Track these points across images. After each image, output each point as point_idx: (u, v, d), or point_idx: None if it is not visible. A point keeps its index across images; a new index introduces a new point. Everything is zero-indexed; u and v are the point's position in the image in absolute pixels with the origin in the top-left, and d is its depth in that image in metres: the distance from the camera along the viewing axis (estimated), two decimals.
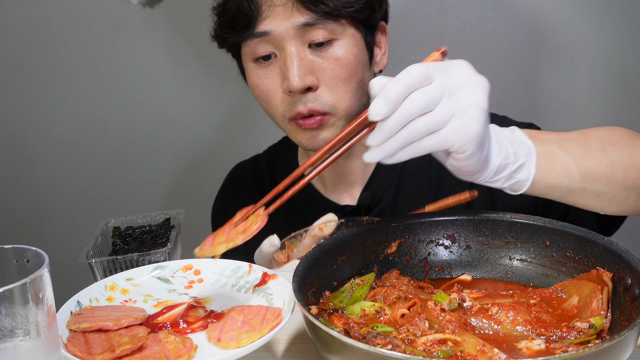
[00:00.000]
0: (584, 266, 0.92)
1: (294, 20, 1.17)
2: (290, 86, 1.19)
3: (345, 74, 1.21)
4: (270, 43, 1.20)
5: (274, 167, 1.47)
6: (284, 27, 1.18)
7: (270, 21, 1.18)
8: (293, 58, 1.18)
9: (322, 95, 1.21)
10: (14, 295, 0.68)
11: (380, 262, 0.99)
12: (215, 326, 0.87)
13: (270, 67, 1.23)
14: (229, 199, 1.49)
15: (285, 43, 1.19)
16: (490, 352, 0.78)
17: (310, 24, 1.17)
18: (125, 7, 2.14)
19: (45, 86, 2.24)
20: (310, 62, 1.20)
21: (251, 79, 1.26)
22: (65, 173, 2.33)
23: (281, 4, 1.17)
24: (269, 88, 1.24)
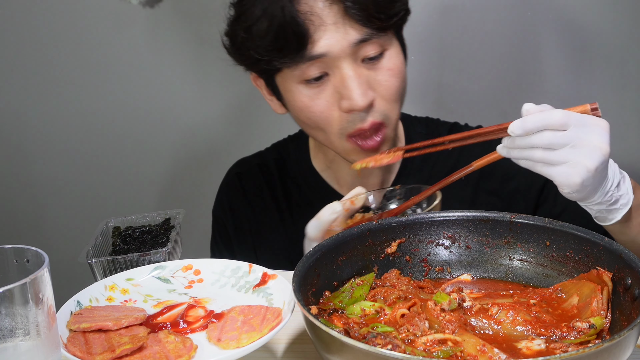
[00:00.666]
0: (584, 266, 0.92)
1: (348, 38, 1.14)
2: (354, 106, 1.16)
3: (398, 82, 1.21)
4: (323, 63, 1.16)
5: (282, 165, 1.44)
6: (340, 46, 1.14)
7: (325, 42, 1.14)
8: (353, 77, 1.16)
9: (379, 107, 1.20)
10: (14, 295, 0.68)
11: (380, 262, 0.99)
12: (215, 326, 0.87)
13: (323, 87, 1.19)
14: (236, 194, 1.45)
15: (341, 62, 1.16)
16: (490, 352, 0.78)
17: (365, 40, 1.15)
18: (125, 7, 2.13)
19: (45, 86, 2.24)
20: (366, 77, 1.18)
21: (300, 101, 1.21)
22: (66, 173, 2.33)
23: (332, 22, 1.13)
24: (322, 108, 1.20)
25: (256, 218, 1.42)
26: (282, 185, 1.42)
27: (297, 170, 1.41)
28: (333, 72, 1.17)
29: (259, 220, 1.42)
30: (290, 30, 1.13)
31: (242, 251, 1.42)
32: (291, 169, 1.43)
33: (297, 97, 1.21)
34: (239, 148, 2.22)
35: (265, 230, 1.41)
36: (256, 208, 1.42)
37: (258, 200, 1.43)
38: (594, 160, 0.92)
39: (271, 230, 1.41)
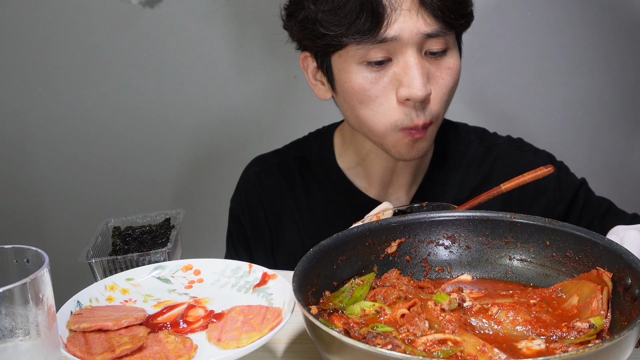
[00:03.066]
0: (584, 266, 0.92)
1: (419, 27, 1.14)
2: (413, 95, 1.15)
3: (453, 83, 1.21)
4: (390, 47, 1.15)
5: (304, 163, 1.41)
6: (410, 33, 1.13)
7: (398, 26, 1.13)
8: (417, 66, 1.15)
9: (433, 105, 1.19)
10: (14, 295, 0.68)
11: (380, 262, 0.99)
12: (215, 326, 0.87)
13: (383, 72, 1.17)
14: (255, 193, 1.42)
15: (407, 49, 1.15)
16: (490, 352, 0.78)
17: (434, 34, 1.15)
18: (125, 7, 2.14)
19: (45, 86, 2.24)
20: (427, 69, 1.17)
21: (357, 82, 1.18)
22: (65, 173, 2.33)
23: (407, 8, 1.13)
24: (379, 94, 1.18)
25: (275, 218, 1.40)
26: (303, 185, 1.39)
27: (320, 169, 1.39)
28: (397, 58, 1.16)
29: (279, 220, 1.39)
30: (368, 8, 1.12)
31: (259, 250, 1.40)
32: (314, 168, 1.40)
33: (354, 78, 1.19)
34: (240, 148, 2.23)
35: (284, 230, 1.39)
36: (276, 207, 1.40)
37: (278, 200, 1.40)
38: None
39: (291, 230, 1.39)
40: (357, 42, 1.14)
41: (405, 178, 1.35)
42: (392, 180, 1.34)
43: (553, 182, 1.35)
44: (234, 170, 1.61)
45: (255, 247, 1.41)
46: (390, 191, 1.36)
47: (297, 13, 1.20)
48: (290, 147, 1.46)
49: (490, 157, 1.37)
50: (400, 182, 1.35)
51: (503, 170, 1.35)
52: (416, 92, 1.14)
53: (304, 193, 1.39)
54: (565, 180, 1.37)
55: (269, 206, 1.40)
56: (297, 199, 1.39)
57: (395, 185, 1.35)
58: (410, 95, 1.15)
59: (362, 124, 1.23)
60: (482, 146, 1.38)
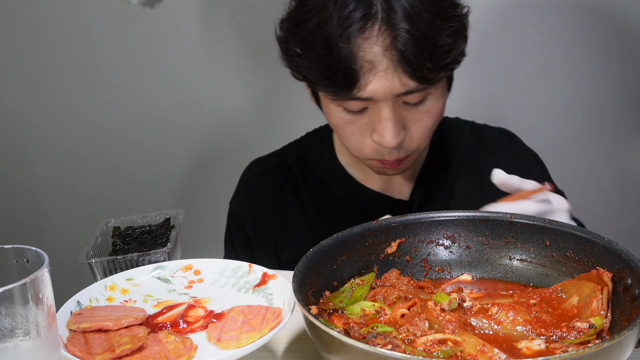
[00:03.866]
0: (584, 266, 0.92)
1: (394, 88, 1.14)
2: (384, 144, 1.18)
3: (433, 122, 1.22)
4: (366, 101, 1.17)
5: (304, 162, 1.43)
6: (384, 94, 1.15)
7: (372, 87, 1.14)
8: (390, 120, 1.17)
9: (408, 143, 1.22)
10: (14, 295, 0.68)
11: (380, 262, 0.99)
12: (215, 326, 0.87)
13: (360, 116, 1.20)
14: (256, 194, 1.43)
15: (382, 104, 1.17)
16: (490, 352, 0.78)
17: (411, 92, 1.15)
18: (125, 7, 2.14)
19: (45, 86, 2.24)
20: (403, 117, 1.19)
21: (335, 119, 1.23)
22: (65, 173, 2.33)
23: (384, 68, 1.13)
24: (354, 132, 1.22)
25: (278, 218, 1.40)
26: (305, 183, 1.41)
27: (321, 166, 1.40)
28: (372, 108, 1.19)
29: (282, 219, 1.40)
30: (340, 71, 1.13)
31: (260, 251, 1.41)
32: (315, 166, 1.41)
33: (333, 115, 1.23)
34: (240, 148, 2.23)
35: (288, 230, 1.40)
36: (279, 206, 1.41)
37: (280, 199, 1.41)
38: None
39: (295, 229, 1.40)
40: (330, 97, 1.18)
41: (405, 173, 1.37)
42: (391, 177, 1.36)
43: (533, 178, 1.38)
44: (234, 170, 1.61)
45: (257, 247, 1.41)
46: (393, 184, 1.38)
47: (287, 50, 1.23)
48: (289, 147, 1.47)
49: (483, 148, 1.41)
50: (404, 175, 1.38)
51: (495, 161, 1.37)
52: (387, 144, 1.18)
53: (307, 190, 1.40)
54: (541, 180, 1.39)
55: (272, 205, 1.40)
56: (299, 197, 1.40)
57: (395, 180, 1.38)
58: (381, 144, 1.19)
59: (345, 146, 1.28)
60: (474, 136, 1.42)
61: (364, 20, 1.12)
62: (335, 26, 1.12)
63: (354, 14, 1.12)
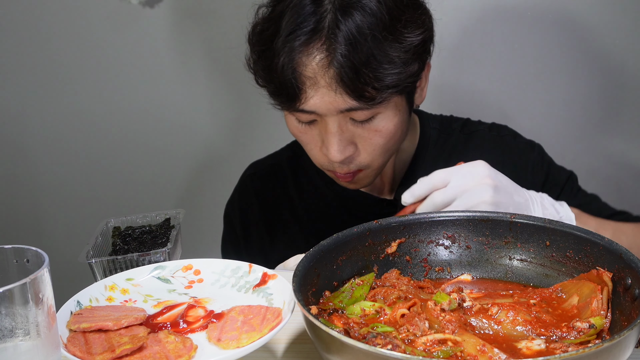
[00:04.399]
0: (584, 266, 0.92)
1: (337, 105, 1.16)
2: (330, 159, 1.20)
3: (383, 141, 1.22)
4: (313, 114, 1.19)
5: (296, 163, 1.46)
6: (327, 109, 1.16)
7: (314, 101, 1.16)
8: (335, 135, 1.18)
9: (359, 158, 1.23)
10: (14, 295, 0.68)
11: (380, 262, 0.99)
12: (215, 326, 0.87)
13: (312, 126, 1.23)
14: (247, 195, 1.47)
15: (328, 119, 1.18)
16: (490, 352, 0.78)
17: (353, 109, 1.16)
18: (125, 7, 2.14)
19: (45, 86, 2.24)
20: (351, 133, 1.20)
21: (290, 126, 1.26)
22: (65, 173, 2.33)
23: (325, 84, 1.14)
24: (308, 142, 1.25)
25: (268, 218, 1.43)
26: (295, 184, 1.43)
27: (311, 166, 1.41)
28: (320, 122, 1.20)
29: (271, 220, 1.43)
30: (285, 86, 1.16)
31: (249, 252, 1.43)
32: (305, 166, 1.43)
33: (289, 124, 1.26)
34: (240, 149, 2.23)
35: (278, 230, 1.42)
36: (268, 208, 1.43)
37: (270, 201, 1.44)
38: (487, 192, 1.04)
39: (285, 229, 1.42)
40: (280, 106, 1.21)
41: (390, 173, 1.39)
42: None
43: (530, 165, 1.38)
44: (234, 170, 1.61)
45: (245, 248, 1.43)
46: (377, 184, 1.40)
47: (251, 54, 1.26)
48: (284, 149, 1.51)
49: (471, 144, 1.41)
50: (385, 176, 1.39)
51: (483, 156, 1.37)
52: (331, 158, 1.19)
53: (297, 190, 1.43)
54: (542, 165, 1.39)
55: (262, 207, 1.44)
56: (290, 197, 1.43)
57: (381, 179, 1.39)
58: (328, 156, 1.21)
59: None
60: (463, 133, 1.42)
61: (309, 35, 1.13)
62: (282, 39, 1.14)
63: (303, 28, 1.13)
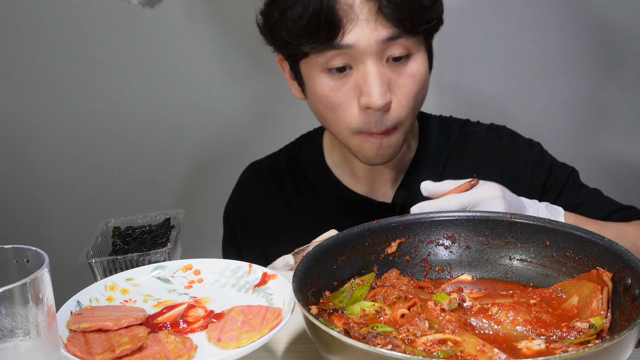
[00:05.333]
0: (584, 266, 0.92)
1: (378, 34, 1.15)
2: (371, 103, 1.17)
3: (417, 89, 1.22)
4: (349, 55, 1.17)
5: (294, 164, 1.45)
6: (368, 42, 1.15)
7: (354, 34, 1.15)
8: (376, 75, 1.17)
9: (395, 112, 1.21)
10: (14, 295, 0.68)
11: (380, 262, 0.99)
12: (215, 326, 0.87)
13: (345, 79, 1.20)
14: (246, 197, 1.47)
15: (366, 58, 1.17)
16: (490, 352, 0.78)
17: (393, 38, 1.15)
18: (125, 7, 2.14)
19: (45, 86, 2.24)
20: (388, 77, 1.19)
21: (320, 89, 1.22)
22: (65, 173, 2.33)
23: (364, 17, 1.14)
24: (341, 100, 1.21)
25: (266, 220, 1.43)
26: (293, 185, 1.43)
27: (309, 168, 1.41)
28: (357, 67, 1.18)
29: (269, 221, 1.42)
30: (323, 19, 1.14)
31: (249, 253, 1.43)
32: (303, 167, 1.43)
33: (318, 85, 1.22)
34: (240, 149, 2.23)
35: (276, 232, 1.42)
36: (266, 209, 1.43)
37: (268, 202, 1.43)
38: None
39: (282, 232, 1.42)
40: (315, 51, 1.18)
41: (390, 174, 1.38)
42: (375, 177, 1.37)
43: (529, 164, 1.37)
44: (234, 170, 1.61)
45: (244, 249, 1.43)
46: (375, 187, 1.39)
47: (268, 20, 1.24)
48: (283, 150, 1.50)
49: (469, 145, 1.40)
50: (384, 179, 1.38)
51: (481, 158, 1.36)
52: (374, 102, 1.17)
53: (294, 193, 1.42)
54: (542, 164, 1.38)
55: (261, 208, 1.43)
56: (287, 199, 1.42)
57: (380, 182, 1.38)
58: (369, 104, 1.18)
59: (329, 128, 1.28)
60: (461, 135, 1.41)
61: None
62: None
63: None
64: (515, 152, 1.39)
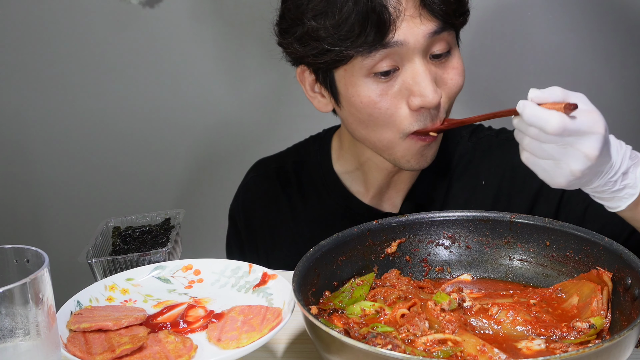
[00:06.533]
0: (584, 266, 0.92)
1: (424, 29, 1.12)
2: (426, 103, 1.13)
3: (461, 82, 1.20)
4: (397, 55, 1.14)
5: (301, 168, 1.40)
6: (415, 37, 1.12)
7: (402, 32, 1.12)
8: (425, 73, 1.14)
9: (444, 107, 1.18)
10: (14, 295, 0.68)
11: (380, 262, 0.99)
12: (215, 326, 0.87)
13: (391, 82, 1.15)
14: (252, 198, 1.42)
15: (414, 56, 1.14)
16: (490, 352, 0.78)
17: (437, 32, 1.13)
18: (125, 7, 2.14)
19: (45, 86, 2.24)
20: (434, 74, 1.16)
21: (366, 96, 1.16)
22: (65, 173, 2.33)
23: (410, 13, 1.12)
24: (390, 104, 1.16)
25: (270, 223, 1.39)
26: (299, 190, 1.39)
27: (316, 173, 1.37)
28: (404, 67, 1.15)
29: (274, 225, 1.39)
30: (373, 18, 1.11)
31: (253, 255, 1.41)
32: (311, 172, 1.39)
33: (362, 92, 1.17)
34: (240, 149, 2.23)
35: (279, 236, 1.39)
36: (271, 213, 1.40)
37: (273, 206, 1.40)
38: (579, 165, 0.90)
39: (285, 236, 1.39)
40: (362, 54, 1.13)
41: (404, 184, 1.33)
42: (389, 186, 1.33)
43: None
44: (234, 170, 1.61)
45: (249, 251, 1.42)
46: (385, 197, 1.34)
47: (294, 30, 1.17)
48: (291, 150, 1.45)
49: (478, 151, 1.36)
50: (397, 188, 1.33)
51: (491, 164, 1.33)
52: (429, 100, 1.13)
53: (300, 198, 1.39)
54: None
55: (265, 211, 1.40)
56: (292, 204, 1.39)
57: (392, 191, 1.34)
58: (424, 104, 1.14)
59: (370, 136, 1.21)
60: (471, 141, 1.37)
61: None
62: None
63: None
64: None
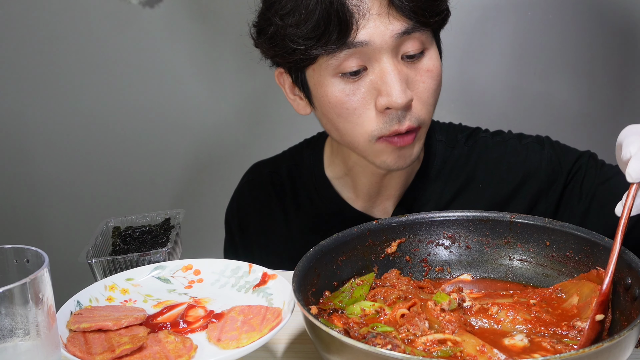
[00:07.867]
0: (584, 266, 0.92)
1: (392, 28, 1.10)
2: (392, 103, 1.11)
3: (435, 85, 1.17)
4: (364, 55, 1.12)
5: (295, 173, 1.39)
6: (382, 37, 1.10)
7: (368, 31, 1.10)
8: (394, 72, 1.11)
9: (416, 110, 1.15)
10: (14, 295, 0.68)
11: (380, 262, 0.99)
12: (215, 326, 0.87)
13: (359, 82, 1.13)
14: (245, 203, 1.42)
15: (382, 55, 1.11)
16: (490, 352, 0.78)
17: (408, 32, 1.11)
18: (125, 7, 2.14)
19: (45, 86, 2.24)
20: (405, 74, 1.14)
21: (334, 96, 1.15)
22: (65, 173, 2.33)
23: (377, 12, 1.09)
24: (357, 105, 1.14)
25: (263, 228, 1.39)
26: (292, 196, 1.38)
27: (309, 179, 1.37)
28: (372, 66, 1.13)
29: (267, 230, 1.39)
30: (334, 16, 1.09)
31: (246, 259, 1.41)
32: (304, 177, 1.38)
33: (330, 92, 1.15)
34: (240, 149, 2.23)
35: (272, 241, 1.39)
36: (265, 218, 1.39)
37: (266, 211, 1.40)
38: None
39: (278, 241, 1.38)
40: (327, 53, 1.12)
41: (394, 189, 1.31)
42: (379, 191, 1.31)
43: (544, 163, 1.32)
44: (233, 170, 1.61)
45: (243, 255, 1.41)
46: (377, 202, 1.33)
47: (266, 30, 1.17)
48: (286, 155, 1.45)
49: (474, 155, 1.34)
50: (387, 194, 1.32)
51: (487, 166, 1.32)
52: (395, 100, 1.11)
53: (293, 203, 1.38)
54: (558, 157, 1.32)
55: (259, 216, 1.40)
56: (285, 209, 1.38)
57: (383, 197, 1.32)
58: (390, 104, 1.12)
59: (343, 137, 1.20)
60: (467, 145, 1.35)
61: None
62: None
63: None
64: (524, 153, 1.32)
